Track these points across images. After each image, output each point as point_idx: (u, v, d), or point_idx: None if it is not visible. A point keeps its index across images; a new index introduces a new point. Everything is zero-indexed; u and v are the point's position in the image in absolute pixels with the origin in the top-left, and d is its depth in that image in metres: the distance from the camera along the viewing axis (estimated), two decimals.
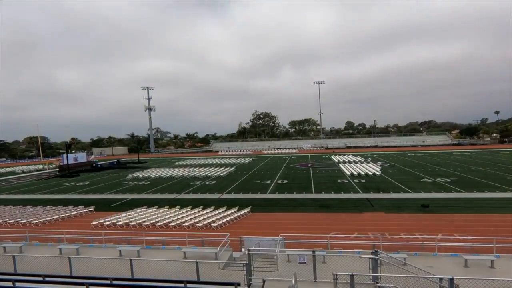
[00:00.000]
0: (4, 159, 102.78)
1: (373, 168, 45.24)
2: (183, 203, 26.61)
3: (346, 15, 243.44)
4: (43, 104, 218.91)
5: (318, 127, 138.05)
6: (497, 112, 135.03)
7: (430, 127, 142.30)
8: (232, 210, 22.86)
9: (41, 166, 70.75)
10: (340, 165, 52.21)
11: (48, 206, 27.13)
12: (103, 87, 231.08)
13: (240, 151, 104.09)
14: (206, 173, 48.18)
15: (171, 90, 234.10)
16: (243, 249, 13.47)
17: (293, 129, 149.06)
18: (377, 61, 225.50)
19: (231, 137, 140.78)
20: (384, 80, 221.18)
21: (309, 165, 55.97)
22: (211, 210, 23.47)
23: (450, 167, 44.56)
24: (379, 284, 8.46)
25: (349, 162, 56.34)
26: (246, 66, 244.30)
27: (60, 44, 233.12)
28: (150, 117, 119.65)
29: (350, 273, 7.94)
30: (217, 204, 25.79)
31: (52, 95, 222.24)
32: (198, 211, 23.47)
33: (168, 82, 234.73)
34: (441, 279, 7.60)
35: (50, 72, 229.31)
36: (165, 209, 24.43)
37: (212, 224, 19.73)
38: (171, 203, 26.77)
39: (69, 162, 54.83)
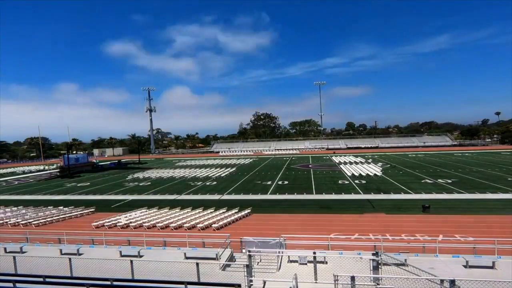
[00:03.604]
0: (5, 159, 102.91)
1: (374, 169, 45.20)
2: (183, 204, 26.60)
3: None
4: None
5: (319, 128, 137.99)
6: (497, 113, 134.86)
7: (431, 128, 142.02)
8: (233, 211, 22.84)
9: (42, 167, 70.87)
10: (341, 166, 52.17)
11: (49, 207, 27.16)
12: None
13: (241, 152, 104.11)
14: (207, 174, 48.20)
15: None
16: (243, 250, 13.46)
17: (294, 130, 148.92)
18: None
19: (231, 138, 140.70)
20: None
21: (310, 166, 55.92)
22: (212, 211, 23.46)
23: (451, 168, 44.46)
24: (380, 286, 8.42)
25: (350, 163, 56.29)
26: None
27: None
28: (151, 118, 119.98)
29: (351, 275, 7.92)
30: (218, 205, 25.77)
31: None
32: (199, 212, 23.46)
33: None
34: (442, 280, 7.58)
35: None
36: (165, 210, 24.44)
37: (213, 225, 19.71)
38: (172, 204, 26.77)
39: (70, 163, 54.91)
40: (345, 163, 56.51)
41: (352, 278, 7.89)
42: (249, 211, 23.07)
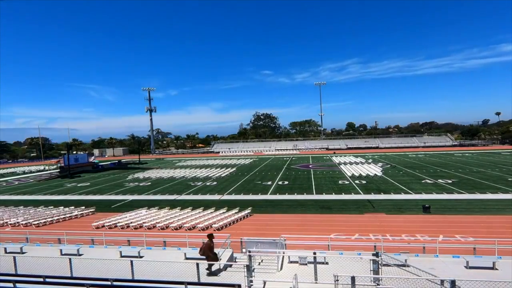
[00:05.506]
0: (5, 160, 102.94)
1: (374, 169, 45.18)
2: (184, 204, 26.60)
3: None
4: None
5: (319, 128, 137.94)
6: (498, 113, 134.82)
7: (431, 128, 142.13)
8: (233, 211, 22.83)
9: (42, 167, 70.88)
10: (341, 166, 52.15)
11: (49, 207, 27.16)
12: None
13: (241, 152, 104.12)
14: (207, 174, 48.20)
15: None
16: (244, 250, 13.46)
17: (294, 130, 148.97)
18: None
19: (232, 138, 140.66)
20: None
21: (310, 166, 55.91)
22: (212, 211, 23.45)
23: (451, 168, 44.43)
24: (380, 286, 8.42)
25: (350, 163, 56.27)
26: None
27: None
28: (151, 118, 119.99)
29: (351, 275, 7.91)
30: (218, 205, 25.77)
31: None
32: (199, 212, 23.45)
33: None
34: (442, 281, 7.58)
35: None
36: (166, 210, 24.43)
37: (213, 225, 19.70)
38: (172, 204, 26.77)
39: (70, 163, 54.88)
40: (345, 163, 56.48)
41: (352, 278, 7.88)
42: (249, 211, 23.06)
